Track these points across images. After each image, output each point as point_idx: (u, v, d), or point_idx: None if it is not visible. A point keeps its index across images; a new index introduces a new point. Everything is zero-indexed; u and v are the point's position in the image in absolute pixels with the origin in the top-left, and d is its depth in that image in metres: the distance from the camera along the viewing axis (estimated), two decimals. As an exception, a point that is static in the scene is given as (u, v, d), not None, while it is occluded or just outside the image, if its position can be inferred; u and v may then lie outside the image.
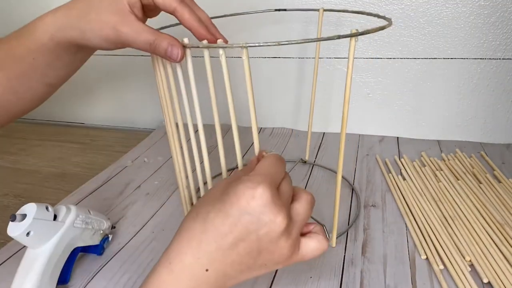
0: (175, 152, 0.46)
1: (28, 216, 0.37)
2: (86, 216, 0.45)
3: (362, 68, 0.74)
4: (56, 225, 0.40)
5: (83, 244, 0.45)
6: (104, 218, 0.49)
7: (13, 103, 0.42)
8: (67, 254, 0.43)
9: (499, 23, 0.65)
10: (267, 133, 0.82)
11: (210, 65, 0.38)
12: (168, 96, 0.42)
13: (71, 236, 0.42)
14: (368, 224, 0.53)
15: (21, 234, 0.37)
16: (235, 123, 0.39)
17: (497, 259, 0.45)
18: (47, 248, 0.39)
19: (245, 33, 0.77)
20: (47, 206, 0.40)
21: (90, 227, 0.45)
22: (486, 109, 0.72)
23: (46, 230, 0.39)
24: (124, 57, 0.87)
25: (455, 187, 0.58)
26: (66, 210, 0.42)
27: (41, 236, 0.39)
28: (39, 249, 0.39)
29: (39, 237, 0.39)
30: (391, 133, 0.78)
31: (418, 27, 0.69)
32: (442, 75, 0.71)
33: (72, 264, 0.44)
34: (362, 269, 0.45)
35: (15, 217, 0.37)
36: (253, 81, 0.37)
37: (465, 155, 0.68)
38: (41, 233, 0.39)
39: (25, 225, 0.37)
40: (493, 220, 0.51)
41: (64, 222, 0.41)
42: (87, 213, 0.45)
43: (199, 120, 0.41)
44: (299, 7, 0.72)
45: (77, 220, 0.43)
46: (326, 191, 0.61)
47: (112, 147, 0.81)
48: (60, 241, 0.40)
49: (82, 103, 0.97)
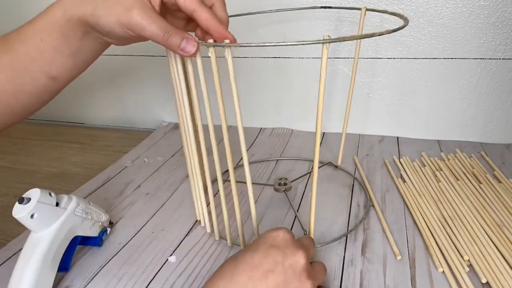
0: (189, 150, 0.48)
1: (33, 199, 0.40)
2: (86, 206, 0.47)
3: (362, 68, 0.74)
4: (58, 211, 0.42)
5: (83, 233, 0.46)
6: (103, 211, 0.51)
7: (13, 95, 0.40)
8: (68, 241, 0.44)
9: (499, 23, 0.65)
10: (267, 133, 0.82)
11: (217, 65, 0.38)
12: (185, 94, 0.44)
13: (72, 223, 0.44)
14: (368, 224, 0.53)
15: (26, 215, 0.39)
16: (240, 121, 0.40)
17: (495, 260, 0.45)
18: (49, 233, 0.41)
19: (251, 32, 0.76)
20: (50, 192, 0.42)
21: (90, 218, 0.47)
22: (486, 109, 0.72)
23: (48, 214, 0.41)
24: (124, 57, 0.87)
25: (455, 188, 0.58)
26: (68, 198, 0.45)
27: (44, 219, 0.41)
28: (41, 233, 0.41)
29: (42, 221, 0.41)
30: (391, 133, 0.78)
31: (418, 27, 0.68)
32: (442, 75, 0.71)
33: (72, 253, 0.46)
34: (361, 269, 0.45)
35: (23, 199, 0.40)
36: (253, 80, 0.37)
37: (465, 155, 0.68)
38: (44, 217, 0.41)
39: (30, 207, 0.39)
40: (492, 220, 0.51)
41: (66, 208, 0.44)
42: (87, 204, 0.47)
43: (209, 118, 0.43)
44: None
45: (78, 208, 0.45)
46: (328, 190, 0.61)
47: (112, 147, 0.81)
48: (62, 226, 0.42)
49: (82, 103, 0.98)
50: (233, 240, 0.50)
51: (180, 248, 0.50)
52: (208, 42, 0.36)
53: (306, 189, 0.62)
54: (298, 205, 0.58)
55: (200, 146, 0.46)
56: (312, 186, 0.41)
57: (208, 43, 0.36)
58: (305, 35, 0.74)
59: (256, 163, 0.70)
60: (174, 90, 0.45)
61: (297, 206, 0.58)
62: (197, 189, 0.50)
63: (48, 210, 0.41)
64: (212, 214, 0.49)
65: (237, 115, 0.39)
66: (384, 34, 0.36)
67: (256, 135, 0.81)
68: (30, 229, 0.41)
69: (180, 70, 0.43)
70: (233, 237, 0.50)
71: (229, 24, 0.41)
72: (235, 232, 0.51)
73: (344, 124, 0.64)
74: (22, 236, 0.53)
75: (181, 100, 0.45)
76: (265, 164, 0.70)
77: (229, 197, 0.46)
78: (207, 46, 0.36)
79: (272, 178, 0.66)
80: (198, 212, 0.54)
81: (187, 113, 0.45)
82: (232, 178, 0.44)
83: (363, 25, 0.54)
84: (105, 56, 0.47)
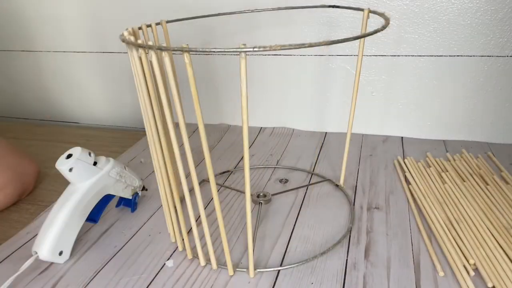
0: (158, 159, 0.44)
1: (73, 156, 0.47)
2: (121, 170, 0.53)
3: (366, 66, 0.72)
4: (94, 169, 0.49)
5: (115, 193, 0.52)
6: (137, 177, 0.56)
7: None
8: (100, 197, 0.50)
9: (506, 19, 0.64)
10: (267, 133, 0.81)
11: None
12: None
13: (105, 182, 0.50)
14: (371, 226, 0.51)
15: (65, 168, 0.46)
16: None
17: (502, 263, 0.43)
18: (83, 186, 0.48)
19: (252, 32, 0.75)
20: (90, 152, 0.49)
21: (123, 181, 0.53)
22: (493, 108, 0.70)
23: (85, 171, 0.48)
24: (120, 55, 0.86)
25: (461, 189, 0.56)
26: (106, 160, 0.51)
27: (80, 174, 0.48)
28: (77, 186, 0.48)
29: (79, 175, 0.47)
30: (395, 132, 0.77)
31: (423, 23, 0.67)
32: (448, 73, 0.69)
33: (103, 208, 0.52)
34: (365, 273, 0.44)
35: (70, 155, 0.47)
36: (253, 80, 0.36)
37: (472, 155, 0.66)
38: (81, 172, 0.48)
39: (70, 162, 0.46)
40: (499, 223, 0.49)
41: (102, 169, 0.50)
42: (122, 168, 0.53)
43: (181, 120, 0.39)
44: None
45: (113, 171, 0.51)
46: (324, 202, 0.59)
47: (108, 147, 0.80)
48: (96, 183, 0.49)
49: (76, 102, 0.97)
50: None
51: (178, 252, 0.49)
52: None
53: (304, 198, 0.60)
54: (286, 216, 0.56)
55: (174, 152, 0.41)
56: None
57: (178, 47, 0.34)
58: (305, 36, 0.73)
59: (253, 168, 0.69)
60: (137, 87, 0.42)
61: (285, 216, 0.56)
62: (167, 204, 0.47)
63: (85, 167, 0.48)
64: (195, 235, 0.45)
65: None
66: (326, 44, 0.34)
67: (256, 135, 0.80)
68: (69, 180, 0.48)
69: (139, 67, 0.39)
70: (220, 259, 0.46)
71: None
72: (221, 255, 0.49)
73: (347, 134, 0.62)
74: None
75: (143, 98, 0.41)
76: (262, 168, 0.69)
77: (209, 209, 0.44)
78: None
79: (269, 185, 0.64)
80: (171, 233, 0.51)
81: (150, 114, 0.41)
82: (213, 187, 0.40)
83: (366, 25, 0.53)
84: (101, 54, 0.47)
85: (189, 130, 0.38)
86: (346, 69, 0.74)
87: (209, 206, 0.57)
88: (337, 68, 0.74)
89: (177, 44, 0.34)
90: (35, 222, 0.55)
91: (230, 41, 0.76)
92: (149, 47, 0.35)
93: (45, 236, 0.45)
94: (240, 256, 0.48)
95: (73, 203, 0.47)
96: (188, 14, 0.55)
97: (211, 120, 0.86)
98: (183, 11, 0.75)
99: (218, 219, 0.41)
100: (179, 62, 0.46)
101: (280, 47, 0.31)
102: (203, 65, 0.81)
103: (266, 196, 0.57)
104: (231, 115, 0.85)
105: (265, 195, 0.58)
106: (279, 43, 0.32)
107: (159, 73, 0.37)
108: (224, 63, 0.80)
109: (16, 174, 0.60)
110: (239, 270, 0.45)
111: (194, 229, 0.43)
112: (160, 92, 0.38)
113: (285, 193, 0.59)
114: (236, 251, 0.48)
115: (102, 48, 0.86)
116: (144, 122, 0.43)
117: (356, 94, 0.54)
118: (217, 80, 0.82)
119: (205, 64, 0.81)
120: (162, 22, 0.50)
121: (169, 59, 0.35)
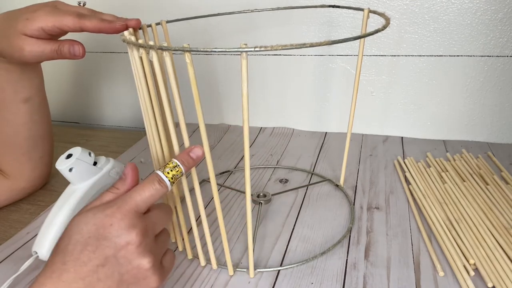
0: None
1: (73, 156, 0.46)
2: (121, 169, 0.52)
3: (366, 66, 0.72)
4: (94, 169, 0.48)
5: None
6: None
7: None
8: None
9: (506, 19, 0.63)
10: (267, 133, 0.81)
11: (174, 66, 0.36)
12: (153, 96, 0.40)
13: (105, 182, 0.49)
14: (372, 227, 0.51)
15: (65, 168, 0.46)
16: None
17: (502, 263, 0.43)
18: (83, 186, 0.48)
19: (252, 32, 0.75)
20: (90, 152, 0.48)
21: None
22: (493, 108, 0.70)
23: (85, 171, 0.47)
24: (119, 55, 0.85)
25: (461, 189, 0.56)
26: (106, 160, 0.51)
27: (80, 174, 0.47)
28: (77, 186, 0.48)
29: (79, 175, 0.47)
30: (395, 132, 0.76)
31: (423, 23, 0.67)
32: (448, 73, 0.69)
33: None
34: (365, 273, 0.44)
35: (69, 155, 0.46)
36: (253, 80, 0.36)
37: (472, 155, 0.66)
38: (81, 172, 0.47)
39: (69, 162, 0.46)
40: (499, 223, 0.49)
41: (101, 169, 0.49)
42: (122, 168, 0.52)
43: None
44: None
45: (113, 170, 0.51)
46: (324, 202, 0.59)
47: (108, 147, 0.80)
48: (95, 183, 0.48)
49: (76, 102, 0.96)
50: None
51: (178, 252, 0.49)
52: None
53: (304, 197, 0.60)
54: (286, 216, 0.56)
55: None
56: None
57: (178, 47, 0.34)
58: (305, 36, 0.72)
59: (253, 168, 0.69)
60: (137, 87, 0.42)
61: (284, 217, 0.56)
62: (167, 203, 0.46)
63: (85, 167, 0.47)
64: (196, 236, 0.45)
65: (196, 114, 0.37)
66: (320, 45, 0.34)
67: (256, 135, 0.80)
68: (69, 180, 0.48)
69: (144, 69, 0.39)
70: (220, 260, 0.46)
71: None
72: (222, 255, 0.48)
73: (347, 136, 0.62)
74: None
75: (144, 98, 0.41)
76: (262, 168, 0.69)
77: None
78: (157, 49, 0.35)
79: (269, 185, 0.64)
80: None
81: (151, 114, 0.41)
82: (213, 186, 0.40)
83: (366, 25, 0.53)
84: (101, 54, 0.47)
85: (189, 130, 0.38)
86: (346, 69, 0.73)
87: (209, 206, 0.57)
88: (337, 68, 0.74)
89: (177, 44, 0.34)
90: (35, 222, 0.55)
91: (230, 41, 0.76)
92: (150, 47, 0.35)
93: (45, 236, 0.45)
94: (240, 256, 0.48)
95: (73, 203, 0.47)
96: (188, 14, 0.55)
97: (211, 120, 0.86)
98: (183, 11, 0.75)
99: (218, 219, 0.42)
100: (178, 62, 0.46)
101: (282, 47, 0.31)
102: (202, 65, 0.81)
103: (266, 196, 0.57)
104: (231, 115, 0.85)
105: (265, 195, 0.58)
106: (279, 43, 0.32)
107: (160, 73, 0.37)
108: (224, 63, 0.80)
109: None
110: (239, 270, 0.45)
111: (194, 229, 0.44)
112: (161, 92, 0.38)
113: (285, 193, 0.60)
114: (236, 251, 0.48)
115: (102, 48, 0.86)
116: (144, 122, 0.43)
117: (356, 94, 0.54)
118: (217, 80, 0.82)
119: (205, 64, 0.81)
120: (162, 22, 0.50)
121: (170, 59, 0.35)
